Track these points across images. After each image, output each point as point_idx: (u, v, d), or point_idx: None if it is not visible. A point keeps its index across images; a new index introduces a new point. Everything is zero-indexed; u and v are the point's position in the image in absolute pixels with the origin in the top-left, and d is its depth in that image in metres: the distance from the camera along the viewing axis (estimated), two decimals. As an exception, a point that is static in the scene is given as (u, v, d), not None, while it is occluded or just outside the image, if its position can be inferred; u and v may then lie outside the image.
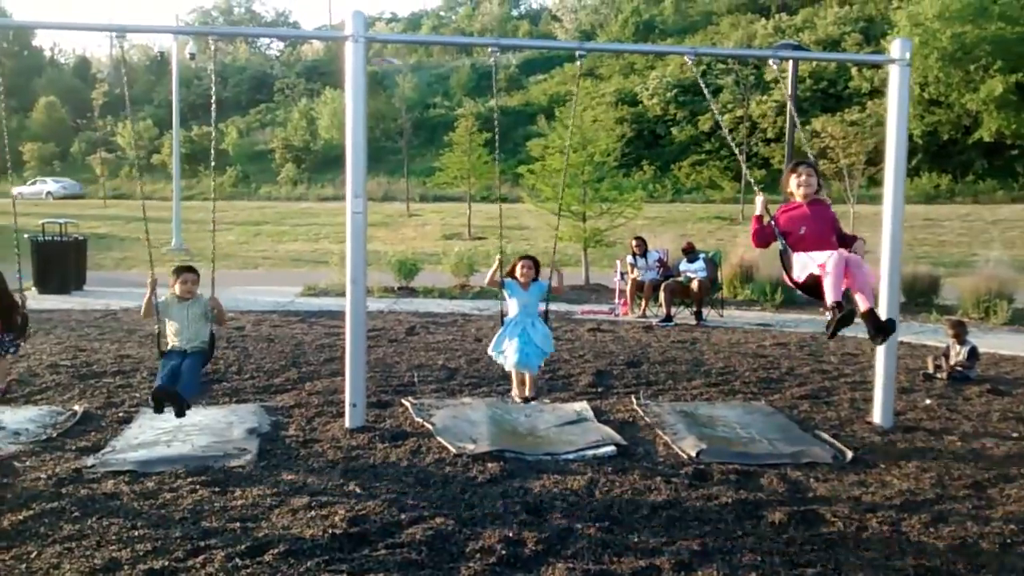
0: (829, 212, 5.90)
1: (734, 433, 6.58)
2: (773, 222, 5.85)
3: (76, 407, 7.06)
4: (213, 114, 7.18)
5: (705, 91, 7.62)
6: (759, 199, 5.99)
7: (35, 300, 14.00)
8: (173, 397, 5.69)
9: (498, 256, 6.80)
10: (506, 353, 6.66)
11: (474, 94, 57.65)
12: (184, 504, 4.96)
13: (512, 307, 6.79)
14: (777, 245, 5.85)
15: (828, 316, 5.52)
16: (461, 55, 67.89)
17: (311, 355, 9.48)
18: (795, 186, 5.88)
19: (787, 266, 5.80)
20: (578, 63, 7.02)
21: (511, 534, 4.56)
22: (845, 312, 5.33)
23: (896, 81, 6.96)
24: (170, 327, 6.11)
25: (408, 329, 11.45)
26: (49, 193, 46.28)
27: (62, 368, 8.62)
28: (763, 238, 5.94)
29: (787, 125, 16.74)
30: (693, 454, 6.03)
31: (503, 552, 4.33)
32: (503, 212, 8.21)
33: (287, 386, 8.03)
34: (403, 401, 7.44)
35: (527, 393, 6.79)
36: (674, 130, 48.26)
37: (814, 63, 44.88)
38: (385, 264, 16.66)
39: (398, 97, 48.28)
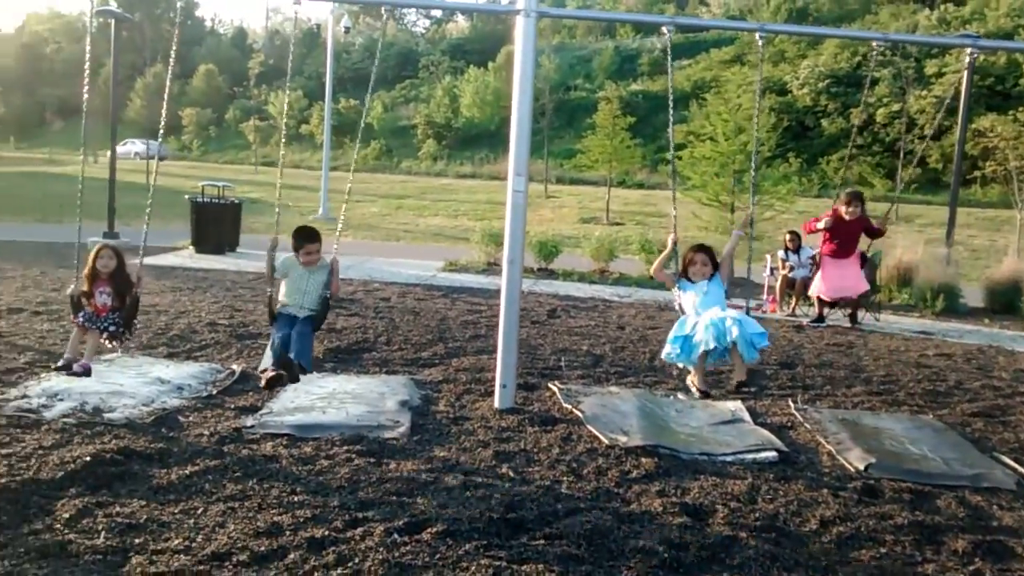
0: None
1: (903, 448, 6.15)
2: None
3: (235, 366, 7.25)
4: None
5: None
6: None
7: (192, 259, 14.67)
8: (288, 364, 5.57)
9: (670, 238, 6.33)
10: (693, 338, 5.84)
11: (616, 77, 56.99)
12: (341, 473, 4.97)
13: (687, 304, 6.17)
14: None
15: None
16: (605, 38, 67.20)
17: (456, 331, 9.48)
18: None
19: None
20: (759, 42, 6.68)
21: (672, 537, 4.35)
22: None
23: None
24: (285, 288, 6.00)
25: (549, 311, 11.33)
26: (136, 154, 48.08)
27: (220, 327, 8.88)
28: None
29: (960, 120, 15.69)
30: (861, 467, 5.66)
31: (665, 555, 4.14)
32: (640, 199, 7.94)
33: (434, 360, 8.03)
34: (550, 385, 7.31)
35: (737, 377, 5.94)
36: (824, 122, 46.39)
37: (981, 57, 42.17)
38: (525, 244, 16.59)
39: (540, 78, 48.19)
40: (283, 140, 8.39)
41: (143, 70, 61.04)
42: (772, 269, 13.35)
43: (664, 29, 6.63)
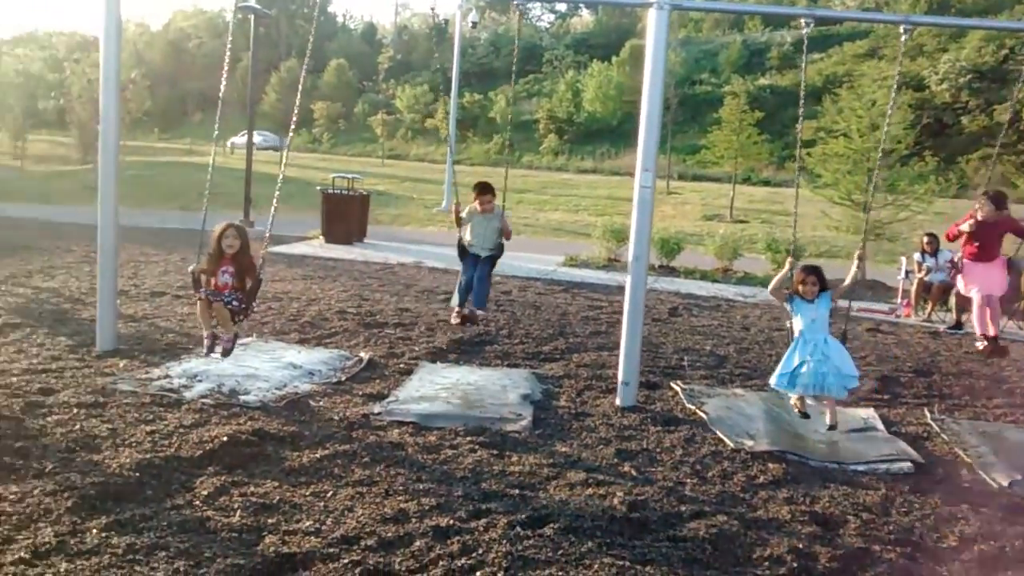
0: None
1: (1054, 466, 5.79)
2: None
3: (362, 354, 7.43)
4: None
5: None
6: None
7: (322, 248, 15.14)
8: (472, 319, 7.35)
9: (788, 261, 6.21)
10: (798, 376, 5.89)
11: (743, 71, 55.67)
12: (465, 463, 5.03)
13: (797, 324, 6.08)
14: None
15: None
16: (732, 31, 65.74)
17: (577, 327, 9.47)
18: None
19: None
20: (902, 38, 6.38)
21: (801, 546, 4.22)
22: None
23: None
24: (469, 232, 7.38)
25: (671, 309, 11.18)
26: (235, 145, 48.09)
27: (348, 315, 9.13)
28: None
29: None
30: (1005, 484, 5.36)
31: (794, 564, 4.02)
32: (766, 196, 7.76)
33: (555, 355, 8.04)
34: (672, 384, 7.21)
35: (829, 421, 5.98)
36: (964, 119, 44.12)
37: None
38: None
39: (666, 71, 47.56)
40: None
41: (278, 65, 63.31)
42: (908, 272, 12.78)
43: (802, 22, 6.43)
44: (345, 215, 16.05)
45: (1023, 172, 38.60)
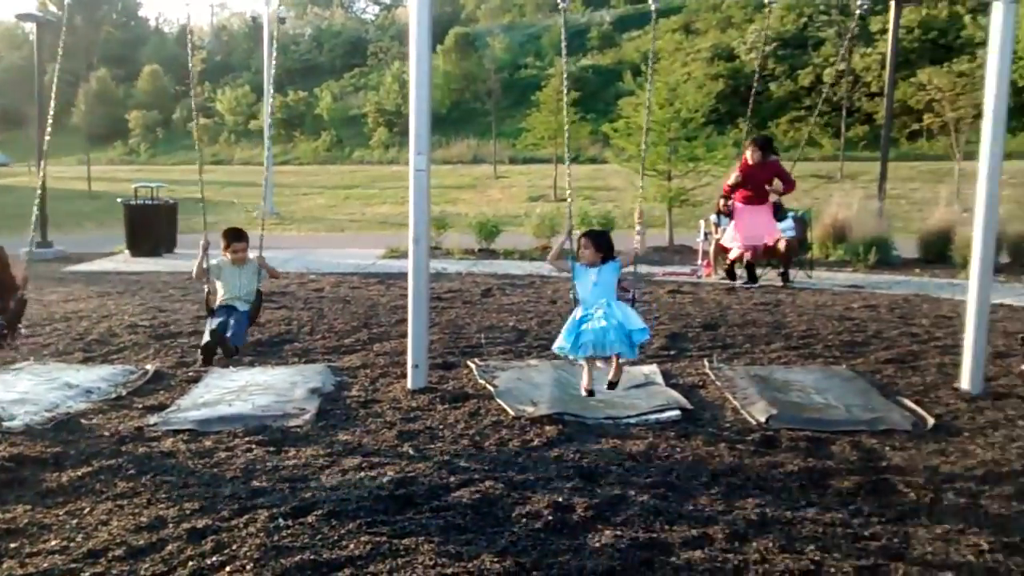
0: None
1: (808, 398, 6.26)
2: None
3: (148, 366, 7.20)
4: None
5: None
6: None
7: (126, 263, 14.53)
8: (223, 341, 6.76)
9: (568, 226, 6.22)
10: (580, 338, 5.81)
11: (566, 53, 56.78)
12: (237, 463, 4.97)
13: (580, 291, 6.04)
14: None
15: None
16: (554, 13, 67.01)
17: (384, 316, 9.48)
18: None
19: None
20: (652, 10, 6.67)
21: (561, 499, 4.41)
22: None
23: (1000, 22, 6.37)
24: (221, 287, 6.76)
25: (484, 291, 11.36)
26: None
27: (140, 328, 8.81)
28: None
29: (887, 73, 15.87)
30: (762, 419, 5.75)
31: (550, 518, 4.19)
32: (590, 174, 7.99)
33: (356, 347, 8.03)
34: (468, 363, 7.35)
35: (610, 377, 5.88)
36: (772, 86, 46.58)
37: (923, 11, 42.59)
38: (467, 226, 16.61)
39: (488, 58, 48.01)
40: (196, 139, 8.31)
41: (88, 75, 59.99)
42: (706, 234, 13.44)
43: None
44: (150, 226, 15.42)
45: (827, 131, 41.19)
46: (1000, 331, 8.35)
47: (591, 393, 5.95)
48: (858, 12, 6.73)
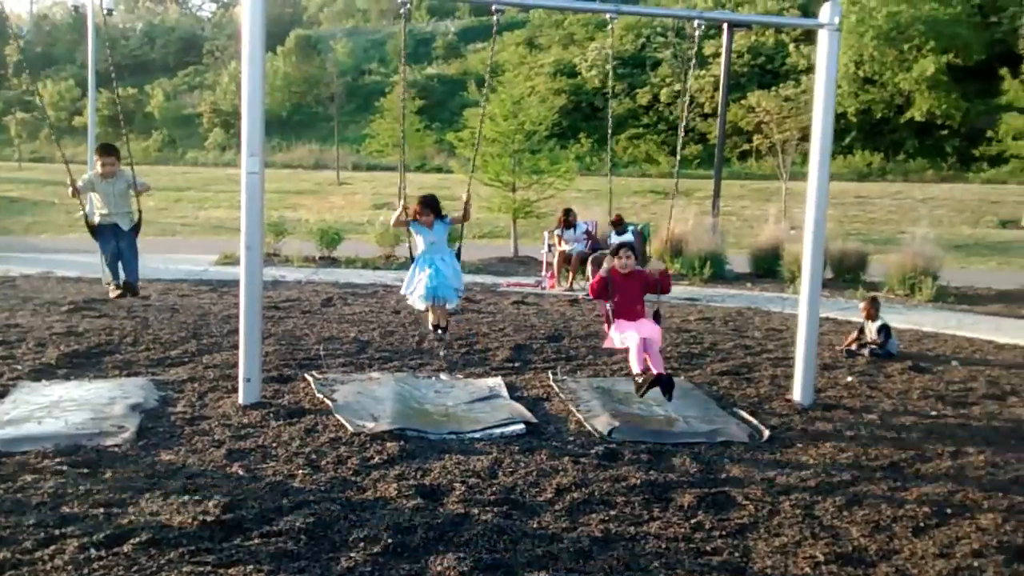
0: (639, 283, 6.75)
1: (650, 410, 6.32)
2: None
3: (-57, 381, 6.49)
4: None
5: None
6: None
7: (-74, 265, 13.20)
8: (129, 287, 6.96)
9: (402, 201, 6.65)
10: (416, 287, 6.66)
11: (410, 60, 56.49)
12: (45, 488, 4.49)
13: (419, 244, 6.78)
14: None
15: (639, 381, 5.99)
16: (398, 20, 66.63)
17: (215, 326, 8.98)
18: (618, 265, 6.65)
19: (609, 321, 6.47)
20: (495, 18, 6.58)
21: (401, 521, 4.21)
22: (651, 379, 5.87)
23: (825, 48, 6.67)
24: (96, 201, 6.81)
25: (324, 300, 11.00)
26: None
27: (-64, 338, 7.98)
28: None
29: (720, 96, 16.55)
30: (605, 432, 5.75)
31: (389, 541, 3.98)
32: (435, 183, 7.90)
33: (183, 359, 7.54)
34: (306, 376, 7.02)
35: (440, 322, 6.86)
36: (612, 103, 47.99)
37: (752, 37, 44.94)
38: (307, 233, 16.12)
39: (331, 62, 47.13)
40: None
41: None
42: (550, 246, 13.56)
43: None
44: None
45: (663, 149, 42.78)
46: (826, 344, 8.75)
47: (437, 328, 6.91)
48: (697, 33, 6.82)
